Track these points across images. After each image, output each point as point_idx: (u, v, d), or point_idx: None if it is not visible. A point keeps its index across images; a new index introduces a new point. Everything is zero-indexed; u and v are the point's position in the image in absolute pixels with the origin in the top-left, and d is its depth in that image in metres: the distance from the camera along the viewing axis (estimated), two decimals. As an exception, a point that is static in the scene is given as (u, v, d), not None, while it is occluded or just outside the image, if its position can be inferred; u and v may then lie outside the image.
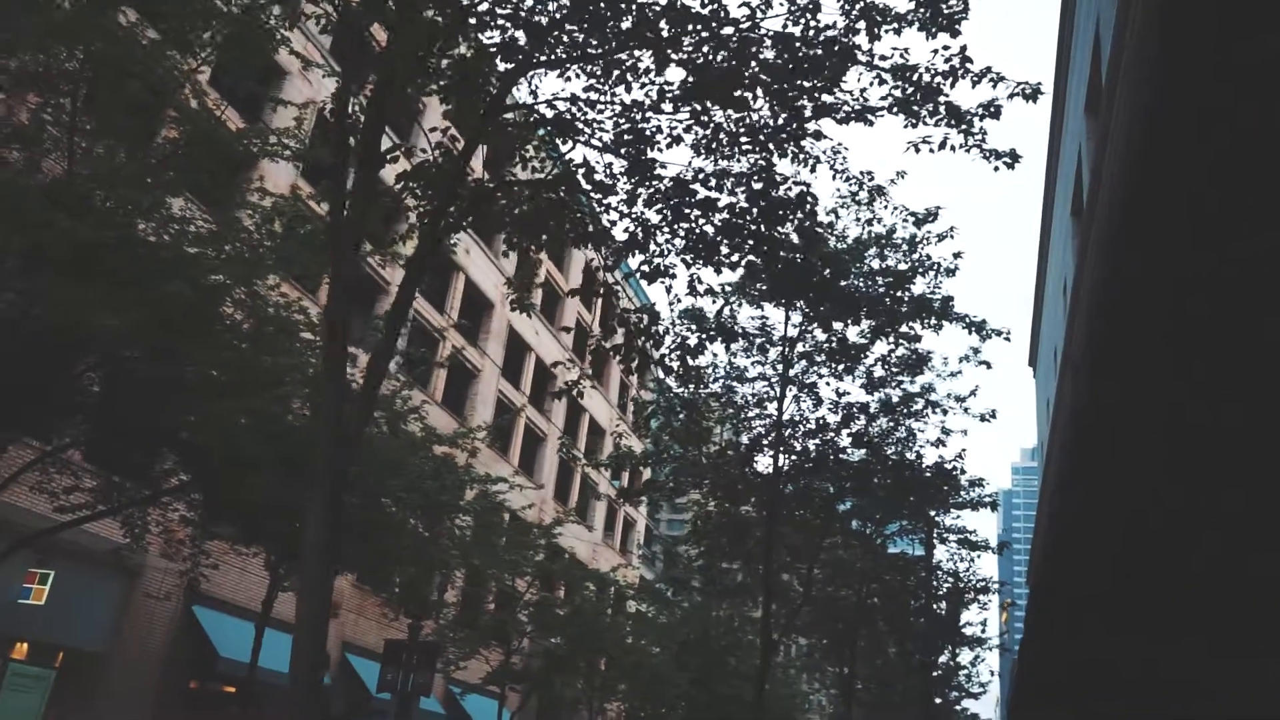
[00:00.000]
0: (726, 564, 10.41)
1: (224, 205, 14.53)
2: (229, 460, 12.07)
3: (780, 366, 9.72)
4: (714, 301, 9.44)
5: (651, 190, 8.24)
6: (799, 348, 9.95)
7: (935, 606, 16.37)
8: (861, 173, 9.13)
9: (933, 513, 14.07)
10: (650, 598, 38.41)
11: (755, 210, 8.06)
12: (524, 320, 38.37)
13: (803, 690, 49.30)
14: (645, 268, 8.47)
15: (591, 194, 8.46)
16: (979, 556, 32.69)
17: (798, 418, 9.88)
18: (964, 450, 10.08)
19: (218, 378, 11.80)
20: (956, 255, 9.78)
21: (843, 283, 8.47)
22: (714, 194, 8.19)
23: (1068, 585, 6.07)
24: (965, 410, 11.00)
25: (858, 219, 9.74)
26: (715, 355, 10.18)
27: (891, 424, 9.88)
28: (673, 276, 8.47)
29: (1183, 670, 9.18)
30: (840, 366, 9.60)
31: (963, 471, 9.97)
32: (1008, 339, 9.72)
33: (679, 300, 9.74)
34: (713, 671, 33.83)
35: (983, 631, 20.02)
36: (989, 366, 10.87)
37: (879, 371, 9.75)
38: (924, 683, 18.52)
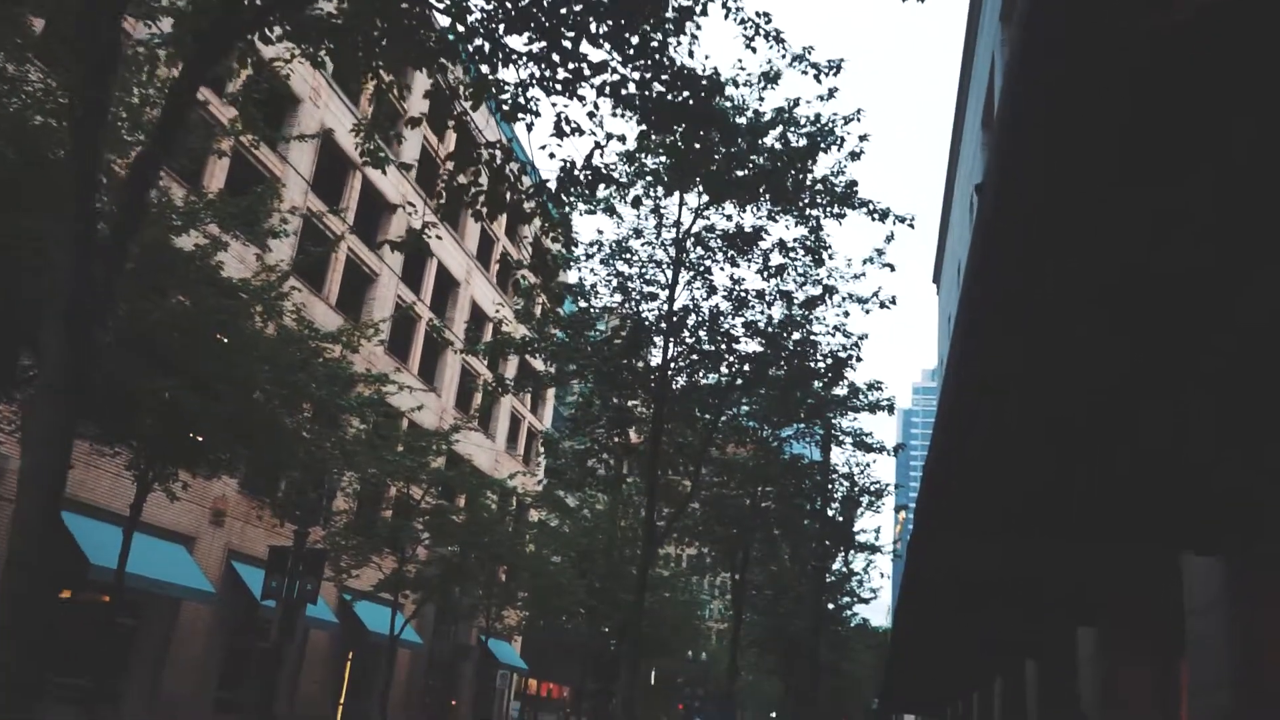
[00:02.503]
0: (609, 458, 9.87)
1: None
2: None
3: (672, 250, 9.09)
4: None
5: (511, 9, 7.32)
6: (695, 227, 9.32)
7: (830, 511, 16.27)
8: (758, 13, 8.38)
9: (830, 415, 13.79)
10: (553, 507, 38.22)
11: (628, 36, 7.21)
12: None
13: (701, 598, 50.17)
14: (505, 105, 7.65)
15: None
16: (874, 461, 32.95)
17: (690, 305, 9.29)
18: (863, 337, 9.64)
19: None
20: (863, 138, 9.20)
21: (735, 147, 7.82)
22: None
23: (964, 469, 5.63)
24: (866, 311, 10.57)
25: (754, 87, 9.01)
26: (601, 231, 9.43)
27: (787, 313, 9.37)
28: (536, 115, 7.71)
29: (1070, 574, 9.00)
30: (736, 251, 9.00)
31: (859, 359, 9.53)
32: (911, 225, 9.23)
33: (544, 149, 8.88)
34: (613, 580, 33.98)
35: (876, 538, 20.20)
36: (892, 269, 10.39)
37: (777, 259, 9.20)
38: (817, 588, 18.59)
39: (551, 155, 9.31)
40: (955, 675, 21.65)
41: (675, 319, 9.13)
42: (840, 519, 16.11)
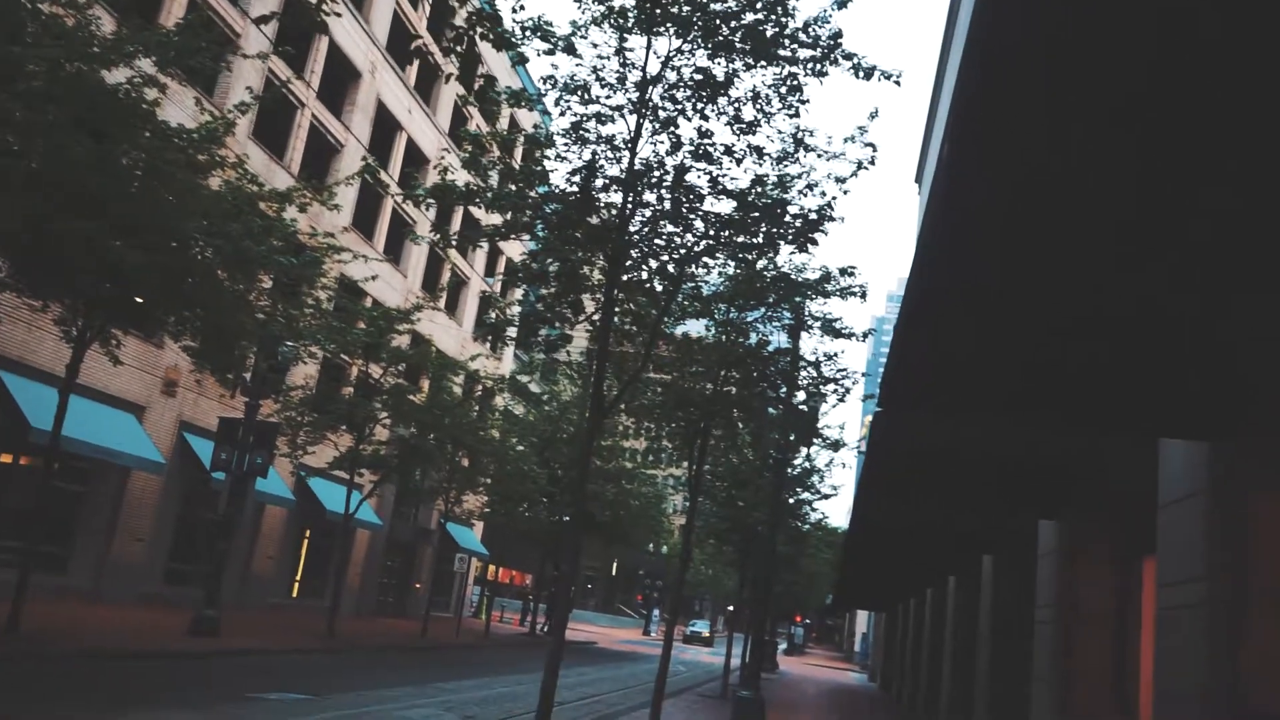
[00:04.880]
0: (556, 321, 9.21)
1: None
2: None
3: (635, 95, 8.26)
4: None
5: None
6: (663, 78, 8.49)
7: (796, 400, 15.80)
8: None
9: (800, 299, 13.18)
10: (516, 393, 37.79)
11: None
12: (396, 96, 35.53)
13: (664, 491, 50.44)
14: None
15: None
16: (843, 351, 32.67)
17: (654, 162, 8.50)
18: (835, 198, 8.94)
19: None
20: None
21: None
22: None
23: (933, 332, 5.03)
24: (845, 192, 9.83)
25: None
26: (556, 67, 8.54)
27: (759, 169, 8.62)
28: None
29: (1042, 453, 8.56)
30: (704, 100, 8.18)
31: (833, 218, 8.85)
32: (898, 83, 8.44)
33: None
34: (576, 468, 33.79)
35: (841, 431, 19.89)
36: (874, 149, 9.63)
37: (749, 112, 8.39)
38: (778, 480, 18.26)
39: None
40: (910, 570, 21.66)
41: (636, 171, 8.35)
42: (805, 408, 15.64)
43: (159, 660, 15.86)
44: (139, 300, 14.99)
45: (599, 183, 8.58)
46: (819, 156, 9.08)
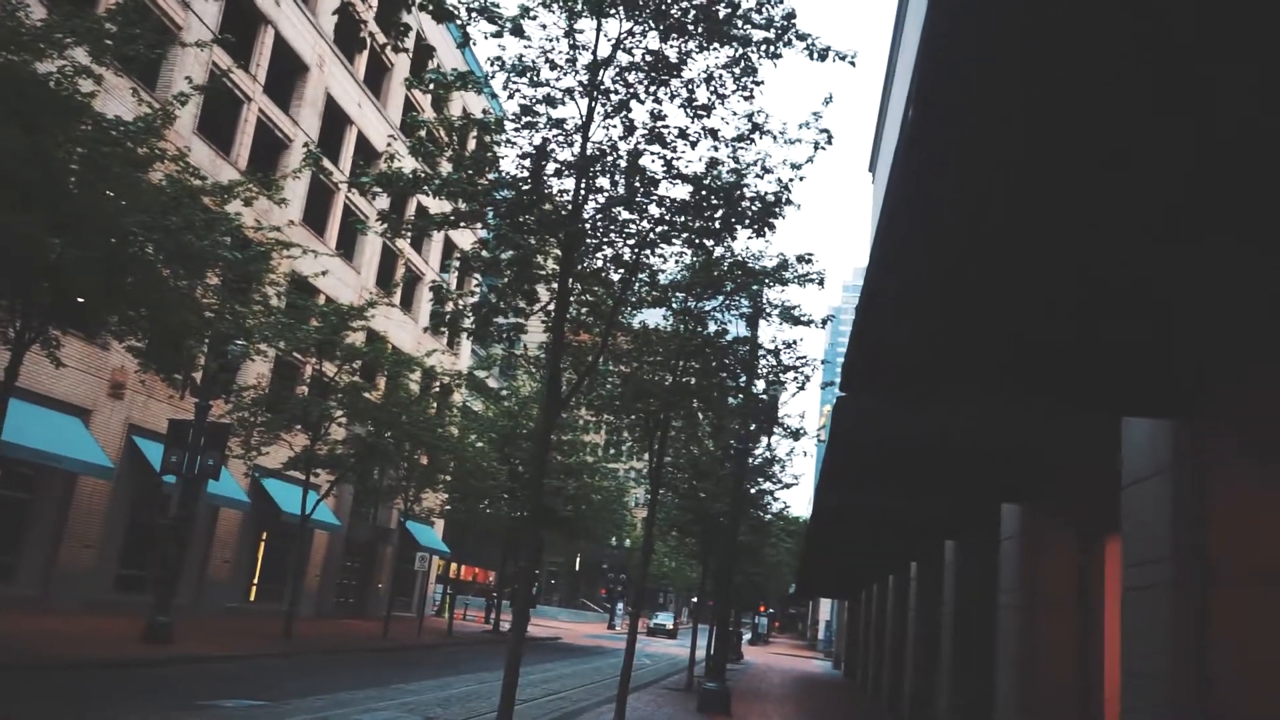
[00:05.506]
0: (510, 311, 8.97)
1: None
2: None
3: (585, 77, 8.04)
4: None
5: None
6: (615, 60, 8.29)
7: (756, 390, 15.70)
8: None
9: (756, 285, 13.07)
10: (475, 389, 37.43)
11: None
12: (345, 90, 34.95)
13: (626, 484, 50.29)
14: None
15: None
16: (802, 339, 32.61)
17: (606, 147, 8.29)
18: (792, 180, 8.80)
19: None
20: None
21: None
22: None
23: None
24: (801, 178, 9.69)
25: None
26: (504, 49, 8.31)
27: (715, 153, 8.44)
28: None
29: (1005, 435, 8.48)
30: (656, 82, 7.98)
31: (790, 201, 8.71)
32: (852, 63, 8.31)
33: None
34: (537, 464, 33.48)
35: (801, 420, 19.85)
36: (830, 135, 9.50)
37: (703, 96, 8.21)
38: (739, 470, 18.16)
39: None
40: (873, 557, 21.69)
41: (589, 156, 8.14)
42: (765, 397, 15.54)
43: (109, 669, 15.41)
44: (80, 300, 14.50)
45: (551, 168, 8.37)
46: (774, 141, 8.94)
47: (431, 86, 8.13)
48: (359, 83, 36.13)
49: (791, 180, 8.74)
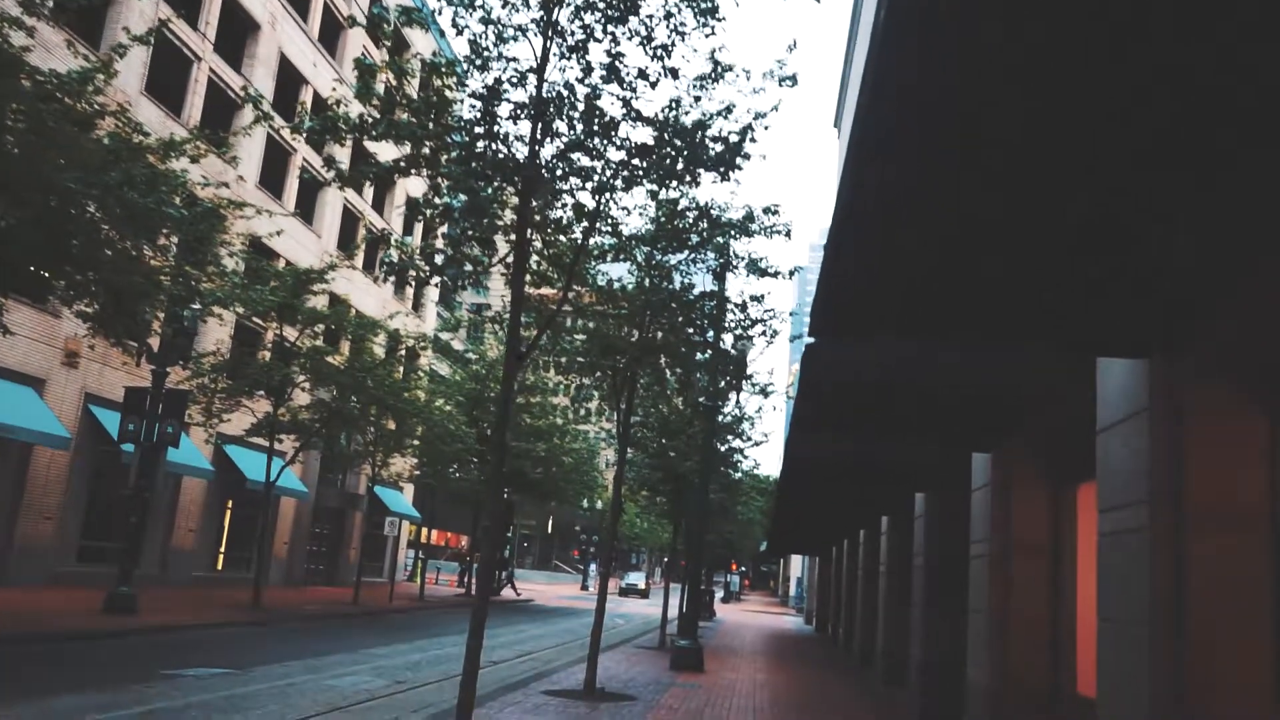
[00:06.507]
0: (465, 261, 8.65)
1: None
2: None
3: (540, 18, 7.69)
4: None
5: None
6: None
7: (724, 345, 15.50)
8: None
9: (723, 238, 12.83)
10: (443, 354, 36.99)
11: None
12: (300, 50, 34.06)
13: (596, 447, 50.21)
14: None
15: None
16: (770, 292, 32.50)
17: (563, 89, 7.96)
18: (755, 119, 8.53)
19: None
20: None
21: None
22: None
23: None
24: (766, 128, 9.40)
25: None
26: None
27: (676, 90, 8.15)
28: None
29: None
30: (613, 20, 7.63)
31: (754, 140, 8.44)
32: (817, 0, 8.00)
33: None
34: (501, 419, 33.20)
35: (770, 377, 19.67)
36: (794, 81, 9.21)
37: (662, 35, 7.88)
38: (709, 426, 18.00)
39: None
40: (843, 511, 21.70)
41: (545, 98, 7.81)
42: (734, 351, 15.35)
43: (69, 642, 15.09)
44: (24, 263, 13.98)
45: (504, 110, 8.03)
46: (738, 89, 8.65)
47: (380, 27, 7.73)
48: (313, 41, 35.25)
49: (754, 122, 8.47)
